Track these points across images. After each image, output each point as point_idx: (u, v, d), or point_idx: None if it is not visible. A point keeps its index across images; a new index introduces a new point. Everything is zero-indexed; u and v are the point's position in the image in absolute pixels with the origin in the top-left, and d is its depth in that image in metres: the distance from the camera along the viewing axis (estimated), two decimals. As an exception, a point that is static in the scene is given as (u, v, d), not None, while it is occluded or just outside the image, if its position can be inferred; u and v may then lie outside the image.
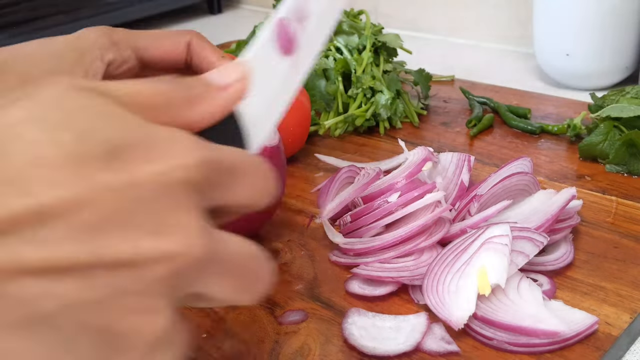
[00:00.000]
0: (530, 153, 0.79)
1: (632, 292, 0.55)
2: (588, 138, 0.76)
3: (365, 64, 0.87)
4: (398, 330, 0.51)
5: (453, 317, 0.49)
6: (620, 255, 0.59)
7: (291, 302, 0.55)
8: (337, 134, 0.86)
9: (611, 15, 0.94)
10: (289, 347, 0.50)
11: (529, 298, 0.51)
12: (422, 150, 0.66)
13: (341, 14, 0.39)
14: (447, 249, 0.55)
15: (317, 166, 0.78)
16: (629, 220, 0.65)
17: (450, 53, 1.24)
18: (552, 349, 0.48)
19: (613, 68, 0.99)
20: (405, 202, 0.59)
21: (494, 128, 0.87)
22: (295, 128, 0.76)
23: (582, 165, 0.76)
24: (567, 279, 0.57)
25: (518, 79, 1.08)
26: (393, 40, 0.92)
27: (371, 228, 0.60)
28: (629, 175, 0.73)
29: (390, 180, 0.64)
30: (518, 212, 0.61)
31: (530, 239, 0.55)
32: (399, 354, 0.49)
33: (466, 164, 0.66)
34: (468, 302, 0.50)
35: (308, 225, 0.66)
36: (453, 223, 0.60)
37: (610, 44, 0.97)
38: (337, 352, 0.50)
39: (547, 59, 1.03)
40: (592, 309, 0.53)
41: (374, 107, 0.85)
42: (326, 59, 0.89)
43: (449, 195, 0.64)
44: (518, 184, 0.64)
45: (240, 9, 1.68)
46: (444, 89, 1.01)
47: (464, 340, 0.50)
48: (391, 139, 0.85)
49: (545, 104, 0.93)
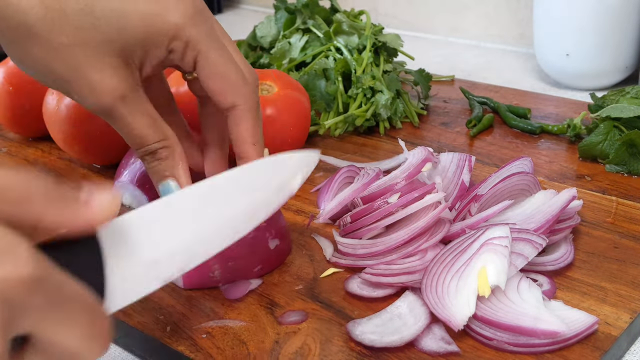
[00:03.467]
0: (530, 153, 0.79)
1: (631, 292, 0.55)
2: (588, 138, 0.76)
3: (365, 64, 0.87)
4: (400, 316, 0.51)
5: (453, 317, 0.49)
6: (620, 255, 0.60)
7: (291, 302, 0.55)
8: (337, 134, 0.86)
9: (611, 15, 0.94)
10: (289, 347, 0.50)
11: (528, 298, 0.51)
12: (422, 151, 0.66)
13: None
14: (446, 249, 0.55)
15: (317, 166, 0.78)
16: (629, 220, 0.65)
17: (450, 53, 1.24)
18: (552, 349, 0.48)
19: (613, 68, 0.99)
20: (405, 203, 0.59)
21: (494, 128, 0.87)
22: (295, 128, 0.76)
23: (582, 165, 0.76)
24: (567, 279, 0.57)
25: (518, 79, 1.09)
26: (393, 40, 0.92)
27: (371, 229, 0.60)
28: (629, 175, 0.73)
29: (390, 181, 0.64)
30: (518, 212, 0.61)
31: (530, 241, 0.55)
32: (420, 332, 0.50)
33: (467, 164, 0.66)
34: (468, 303, 0.50)
35: (308, 225, 0.66)
36: (453, 223, 0.60)
37: (610, 44, 0.97)
38: (337, 352, 0.50)
39: (547, 59, 1.03)
40: (592, 309, 0.53)
41: (374, 107, 0.85)
42: (326, 59, 0.89)
43: (450, 196, 0.64)
44: (518, 184, 0.64)
45: (240, 9, 1.68)
46: (444, 89, 1.01)
47: (464, 340, 0.50)
48: (391, 139, 0.85)
49: (545, 104, 0.93)
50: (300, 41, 0.93)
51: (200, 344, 0.51)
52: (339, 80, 0.87)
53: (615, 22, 0.95)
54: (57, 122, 0.76)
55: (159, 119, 0.53)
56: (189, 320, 0.54)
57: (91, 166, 0.81)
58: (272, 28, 0.99)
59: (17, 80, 0.84)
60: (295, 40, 0.93)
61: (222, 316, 0.54)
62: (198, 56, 0.51)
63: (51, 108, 0.76)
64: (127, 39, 0.49)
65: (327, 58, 0.89)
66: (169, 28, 0.50)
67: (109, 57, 0.49)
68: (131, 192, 0.68)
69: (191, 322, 0.54)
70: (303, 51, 0.92)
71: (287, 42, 0.93)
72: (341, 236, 0.61)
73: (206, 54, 0.51)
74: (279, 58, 0.92)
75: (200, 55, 0.51)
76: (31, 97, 0.84)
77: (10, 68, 0.84)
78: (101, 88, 0.50)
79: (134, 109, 0.51)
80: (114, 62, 0.50)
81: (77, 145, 0.76)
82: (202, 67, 0.52)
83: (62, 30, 0.48)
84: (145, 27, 0.49)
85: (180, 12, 0.50)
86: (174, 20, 0.50)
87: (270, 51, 0.95)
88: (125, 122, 0.51)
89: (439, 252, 0.55)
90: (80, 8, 0.48)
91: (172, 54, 0.51)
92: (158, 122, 0.52)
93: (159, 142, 0.52)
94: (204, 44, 0.51)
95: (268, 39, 0.99)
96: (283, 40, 0.94)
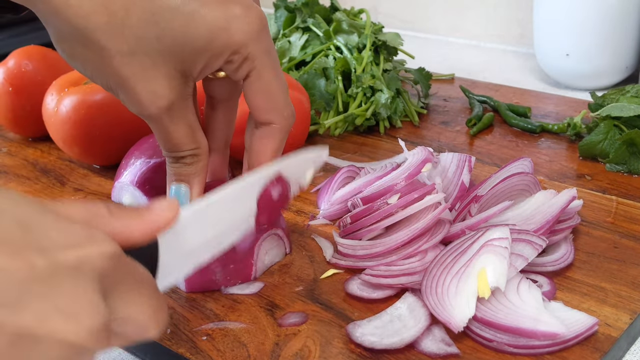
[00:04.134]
0: (530, 152, 0.79)
1: (631, 292, 0.55)
2: (588, 137, 0.76)
3: (365, 63, 0.86)
4: (400, 318, 0.51)
5: (453, 319, 0.49)
6: (620, 255, 0.59)
7: (291, 304, 0.55)
8: (337, 134, 0.86)
9: (611, 15, 0.94)
10: (289, 349, 0.50)
11: (528, 299, 0.51)
12: (421, 151, 0.66)
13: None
14: (446, 250, 0.55)
15: (317, 166, 0.78)
16: (629, 220, 0.65)
17: (450, 53, 1.24)
18: (552, 350, 0.48)
19: (613, 68, 0.99)
20: (405, 204, 0.59)
21: (494, 127, 0.87)
22: (295, 127, 0.76)
23: (582, 165, 0.76)
24: (567, 280, 0.56)
25: (518, 79, 1.08)
26: (393, 39, 0.92)
27: (371, 230, 0.59)
28: (629, 175, 0.73)
29: (390, 181, 0.64)
30: (518, 213, 0.61)
31: (530, 242, 0.55)
32: (420, 334, 0.50)
33: (467, 164, 0.66)
34: (468, 304, 0.50)
35: (308, 225, 0.66)
36: (453, 224, 0.60)
37: (610, 44, 0.97)
38: (337, 354, 0.50)
39: (547, 59, 1.03)
40: (591, 309, 0.53)
41: (374, 106, 0.85)
42: (326, 58, 0.88)
43: (450, 196, 0.64)
44: (518, 184, 0.64)
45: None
46: (444, 88, 1.01)
47: (463, 341, 0.50)
48: (391, 138, 0.85)
49: (546, 103, 0.93)
50: (300, 40, 0.93)
51: (201, 346, 0.51)
52: (338, 79, 0.86)
53: (615, 22, 0.95)
54: (56, 123, 0.76)
55: (198, 128, 0.53)
56: (189, 322, 0.54)
57: (91, 166, 0.81)
58: (272, 27, 0.98)
59: (17, 80, 0.84)
60: (295, 39, 0.93)
61: (222, 318, 0.54)
62: (252, 71, 0.51)
63: (51, 109, 0.76)
64: (189, 51, 0.49)
65: (327, 57, 0.89)
66: (233, 43, 0.49)
67: (165, 68, 0.49)
68: (131, 192, 0.68)
69: (191, 324, 0.54)
70: (303, 50, 0.92)
71: (287, 40, 0.93)
72: (341, 237, 0.61)
73: (260, 71, 0.51)
74: (278, 57, 0.92)
75: (255, 71, 0.51)
76: (31, 97, 0.84)
77: (10, 68, 0.84)
78: (148, 99, 0.49)
79: (177, 119, 0.51)
80: (170, 73, 0.49)
81: (77, 146, 0.76)
82: (253, 82, 0.51)
83: (123, 38, 0.47)
84: (210, 41, 0.49)
85: (246, 27, 0.49)
86: (240, 37, 0.49)
87: (270, 50, 0.95)
88: (166, 130, 0.51)
89: (439, 253, 0.55)
90: (146, 18, 0.47)
91: (227, 64, 0.51)
92: (196, 132, 0.53)
93: (191, 151, 0.53)
94: (261, 60, 0.51)
95: (268, 38, 0.98)
96: (283, 39, 0.94)
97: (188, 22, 0.48)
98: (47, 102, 0.77)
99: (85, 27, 0.47)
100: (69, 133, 0.75)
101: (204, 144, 0.54)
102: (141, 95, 0.49)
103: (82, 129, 0.75)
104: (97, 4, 0.46)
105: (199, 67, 0.50)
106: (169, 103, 0.50)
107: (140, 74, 0.49)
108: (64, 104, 0.75)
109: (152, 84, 0.49)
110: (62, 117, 0.75)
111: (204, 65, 0.50)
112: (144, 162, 0.68)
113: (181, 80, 0.50)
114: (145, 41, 0.48)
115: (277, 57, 0.54)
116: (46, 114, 0.77)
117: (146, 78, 0.49)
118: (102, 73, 0.49)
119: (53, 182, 0.78)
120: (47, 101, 0.77)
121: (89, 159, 0.80)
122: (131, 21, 0.47)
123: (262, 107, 0.53)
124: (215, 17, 0.49)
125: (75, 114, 0.74)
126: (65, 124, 0.75)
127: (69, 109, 0.74)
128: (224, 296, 0.57)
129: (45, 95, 0.78)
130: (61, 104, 0.75)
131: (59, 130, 0.76)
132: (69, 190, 0.76)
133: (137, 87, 0.49)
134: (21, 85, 0.84)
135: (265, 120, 0.54)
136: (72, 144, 0.76)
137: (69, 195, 0.75)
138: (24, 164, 0.84)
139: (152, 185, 0.67)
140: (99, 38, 0.47)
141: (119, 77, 0.49)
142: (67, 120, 0.75)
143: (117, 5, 0.47)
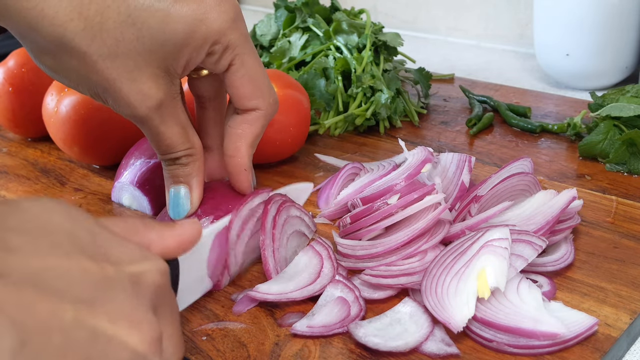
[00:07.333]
0: (530, 152, 0.79)
1: (632, 292, 0.55)
2: (588, 137, 0.76)
3: (365, 63, 0.86)
4: (400, 322, 0.51)
5: (452, 319, 0.49)
6: (620, 255, 0.59)
7: (291, 304, 0.55)
8: (337, 134, 0.86)
9: (611, 15, 0.94)
10: (289, 350, 0.50)
11: (528, 299, 0.51)
12: (421, 151, 0.66)
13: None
14: (446, 250, 0.55)
15: (317, 166, 0.78)
16: (629, 220, 0.65)
17: (450, 53, 1.24)
18: (552, 350, 0.48)
19: (613, 68, 0.99)
20: (405, 204, 0.59)
21: (494, 127, 0.87)
22: (295, 128, 0.76)
23: (582, 165, 0.76)
24: (567, 280, 0.56)
25: (518, 79, 1.08)
26: (393, 39, 0.92)
27: (371, 230, 0.59)
28: (629, 175, 0.73)
29: (389, 181, 0.64)
30: (518, 213, 0.61)
31: (530, 243, 0.55)
32: (424, 339, 0.49)
33: (466, 164, 0.66)
34: (468, 304, 0.50)
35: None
36: (453, 224, 0.60)
37: (610, 44, 0.97)
38: (337, 354, 0.50)
39: (547, 59, 1.03)
40: (591, 310, 0.53)
41: (373, 106, 0.85)
42: (326, 58, 0.88)
43: (450, 196, 0.64)
44: (518, 184, 0.64)
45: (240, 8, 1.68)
46: (443, 88, 1.01)
47: (463, 342, 0.50)
48: (391, 138, 0.85)
49: (546, 103, 0.93)
50: (300, 40, 0.93)
51: (201, 346, 0.51)
52: (338, 79, 0.86)
53: (615, 22, 0.95)
54: (56, 123, 0.76)
55: (190, 127, 0.53)
56: (189, 322, 0.54)
57: (91, 166, 0.81)
58: (272, 27, 0.98)
59: (17, 80, 0.84)
60: (295, 39, 0.93)
61: (222, 318, 0.54)
62: (235, 58, 0.51)
63: (50, 109, 0.76)
64: (170, 48, 0.49)
65: (327, 57, 0.89)
66: (212, 33, 0.50)
67: (149, 67, 0.49)
68: (131, 192, 0.68)
69: (191, 324, 0.54)
70: (303, 50, 0.92)
71: (287, 40, 0.93)
72: (341, 237, 0.61)
73: (243, 57, 0.51)
74: (278, 57, 0.92)
75: (238, 57, 0.51)
76: (31, 97, 0.84)
77: (10, 68, 0.84)
78: (137, 99, 0.50)
79: (168, 118, 0.51)
80: (155, 72, 0.49)
81: (77, 146, 0.76)
82: (237, 69, 0.52)
83: (102, 42, 0.48)
84: (188, 34, 0.49)
85: (223, 16, 0.50)
86: (217, 26, 0.50)
87: (270, 50, 0.95)
88: (157, 130, 0.52)
89: (439, 254, 0.55)
90: (122, 20, 0.48)
91: (209, 56, 0.51)
92: (188, 132, 0.53)
93: (185, 151, 0.53)
94: (242, 47, 0.51)
95: (268, 38, 0.99)
96: (283, 39, 0.94)
97: (164, 19, 0.49)
98: (47, 102, 0.77)
99: (63, 35, 0.47)
100: (69, 133, 0.75)
101: (197, 143, 0.54)
102: (129, 96, 0.50)
103: (82, 129, 0.75)
104: (72, 12, 0.47)
105: (182, 62, 0.50)
106: (157, 102, 0.50)
107: (125, 75, 0.49)
108: (63, 104, 0.75)
109: (139, 84, 0.49)
110: (62, 117, 0.75)
111: (187, 60, 0.50)
112: (144, 162, 0.68)
113: (167, 79, 0.50)
114: (125, 43, 0.48)
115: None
116: (46, 114, 0.77)
117: (131, 79, 0.49)
118: (87, 80, 0.50)
119: (53, 182, 0.78)
120: (47, 101, 0.77)
121: (89, 159, 0.79)
122: (108, 25, 0.48)
123: (247, 94, 0.53)
124: (190, 10, 0.49)
125: (75, 114, 0.74)
126: (65, 124, 0.75)
127: (68, 109, 0.74)
128: (224, 296, 0.57)
129: (45, 95, 0.78)
130: (61, 104, 0.75)
131: (58, 130, 0.76)
132: (68, 190, 0.76)
133: (124, 88, 0.49)
134: (21, 85, 0.84)
135: (250, 107, 0.54)
136: (72, 144, 0.76)
137: (69, 195, 0.75)
138: (24, 164, 0.84)
139: (152, 185, 0.67)
140: (79, 44, 0.48)
141: (105, 81, 0.49)
142: (67, 120, 0.75)
143: (92, 10, 0.47)
